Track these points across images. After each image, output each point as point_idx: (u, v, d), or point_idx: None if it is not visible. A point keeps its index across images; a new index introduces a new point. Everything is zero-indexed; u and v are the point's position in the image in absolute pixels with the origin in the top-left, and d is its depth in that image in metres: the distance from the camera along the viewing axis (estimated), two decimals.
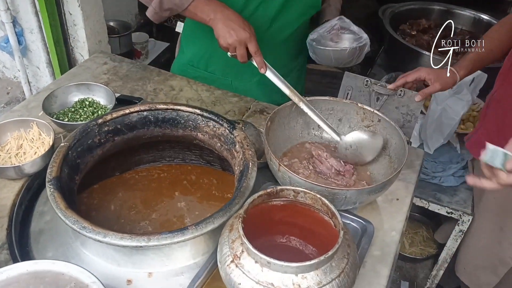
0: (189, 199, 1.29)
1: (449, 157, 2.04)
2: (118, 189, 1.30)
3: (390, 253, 1.15)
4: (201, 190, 1.32)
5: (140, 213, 1.24)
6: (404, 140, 1.19)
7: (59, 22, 1.87)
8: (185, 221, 1.23)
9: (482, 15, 2.68)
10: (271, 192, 0.98)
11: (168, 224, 1.22)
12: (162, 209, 1.26)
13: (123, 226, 1.20)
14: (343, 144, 1.28)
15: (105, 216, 1.22)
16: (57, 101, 1.45)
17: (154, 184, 1.34)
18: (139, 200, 1.28)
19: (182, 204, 1.27)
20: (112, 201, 1.27)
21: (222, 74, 1.71)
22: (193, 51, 1.72)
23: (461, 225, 1.92)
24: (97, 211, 1.23)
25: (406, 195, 1.30)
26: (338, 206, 1.10)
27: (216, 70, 1.71)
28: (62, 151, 1.11)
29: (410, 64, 2.41)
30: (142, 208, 1.26)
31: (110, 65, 1.77)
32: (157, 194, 1.30)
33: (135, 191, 1.31)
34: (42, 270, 0.91)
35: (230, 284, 0.88)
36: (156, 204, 1.27)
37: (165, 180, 1.35)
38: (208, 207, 1.27)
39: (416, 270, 2.50)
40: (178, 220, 1.23)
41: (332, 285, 0.86)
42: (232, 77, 1.71)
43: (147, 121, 1.28)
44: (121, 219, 1.22)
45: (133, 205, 1.26)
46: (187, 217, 1.24)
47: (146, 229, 1.20)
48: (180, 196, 1.30)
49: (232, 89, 1.70)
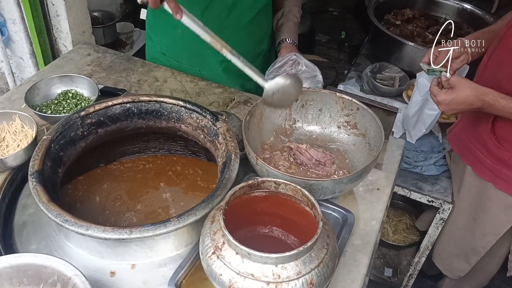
0: (174, 189, 1.30)
1: (431, 147, 2.06)
2: (103, 181, 1.31)
3: (370, 242, 1.17)
4: (186, 180, 1.33)
5: (125, 204, 1.25)
6: (381, 127, 1.21)
7: (42, 13, 1.85)
8: (170, 212, 1.24)
9: (466, 5, 2.70)
10: (252, 184, 1.00)
11: (153, 215, 1.23)
12: (147, 200, 1.27)
13: (108, 217, 1.21)
14: (269, 90, 1.19)
15: (90, 208, 1.23)
16: (39, 93, 1.45)
17: (139, 175, 1.34)
18: (124, 191, 1.28)
19: (167, 195, 1.28)
20: (97, 192, 1.27)
21: (190, 64, 1.72)
22: (159, 40, 1.74)
23: (441, 213, 1.96)
24: (81, 203, 1.24)
25: (387, 184, 1.33)
26: (317, 196, 1.12)
27: (183, 59, 1.72)
28: (44, 144, 1.11)
29: (394, 54, 2.43)
30: (127, 200, 1.26)
31: (93, 56, 1.76)
32: (142, 185, 1.31)
33: (120, 182, 1.31)
34: (24, 263, 0.92)
35: (211, 275, 0.90)
36: (141, 195, 1.28)
37: (150, 171, 1.36)
38: (193, 197, 1.28)
39: (399, 257, 2.55)
40: (163, 211, 1.24)
41: (311, 274, 0.88)
42: (199, 66, 1.73)
43: (130, 113, 1.28)
44: (106, 211, 1.23)
45: (118, 196, 1.27)
46: (172, 207, 1.25)
47: (131, 221, 1.21)
48: (165, 187, 1.31)
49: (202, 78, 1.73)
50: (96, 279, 0.99)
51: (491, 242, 1.81)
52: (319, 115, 1.37)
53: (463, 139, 1.77)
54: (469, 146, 1.73)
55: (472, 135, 1.71)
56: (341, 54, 4.22)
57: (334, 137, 1.36)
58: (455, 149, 1.86)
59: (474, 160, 1.72)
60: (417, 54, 2.34)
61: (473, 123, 1.70)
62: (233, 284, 0.87)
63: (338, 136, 1.36)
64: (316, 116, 1.37)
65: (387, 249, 2.55)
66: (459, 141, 1.82)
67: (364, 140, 1.31)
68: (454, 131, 1.87)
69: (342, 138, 1.36)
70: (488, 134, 1.61)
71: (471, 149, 1.72)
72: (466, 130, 1.75)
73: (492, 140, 1.60)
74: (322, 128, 1.37)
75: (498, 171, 1.63)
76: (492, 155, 1.63)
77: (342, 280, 1.07)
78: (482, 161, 1.68)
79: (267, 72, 1.60)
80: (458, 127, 1.84)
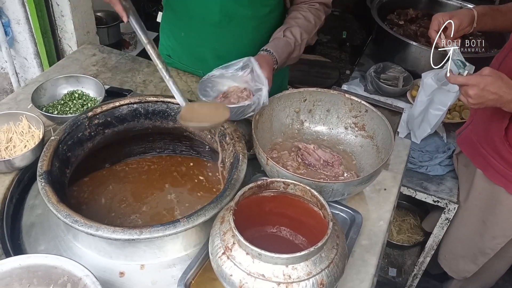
0: (179, 191, 1.30)
1: (436, 147, 2.06)
2: (108, 182, 1.30)
3: (378, 242, 1.17)
4: (191, 181, 1.33)
5: (131, 206, 1.25)
6: (391, 131, 1.21)
7: (47, 13, 1.85)
8: (175, 213, 1.24)
9: (468, 4, 2.70)
10: (261, 185, 1.00)
11: (158, 217, 1.22)
12: (152, 202, 1.26)
13: (113, 219, 1.21)
14: (185, 110, 1.15)
15: (95, 210, 1.22)
16: (46, 94, 1.45)
17: (144, 176, 1.34)
18: (129, 193, 1.28)
19: (172, 196, 1.28)
20: (103, 194, 1.27)
21: (193, 66, 1.72)
22: (167, 42, 1.74)
23: (447, 213, 1.96)
24: (87, 204, 1.24)
25: (393, 185, 1.33)
26: (327, 197, 1.12)
27: (187, 62, 1.72)
28: (52, 145, 1.11)
29: (398, 54, 2.43)
30: (132, 201, 1.26)
31: (98, 56, 1.76)
32: (147, 187, 1.30)
33: (125, 184, 1.31)
34: (34, 264, 0.92)
35: (221, 275, 0.90)
36: (146, 197, 1.27)
37: (155, 172, 1.35)
38: (198, 199, 1.28)
39: (403, 257, 2.55)
40: (168, 213, 1.24)
41: (321, 275, 0.88)
42: (202, 69, 1.72)
43: (137, 113, 1.28)
44: (111, 213, 1.23)
45: (123, 198, 1.27)
46: (177, 209, 1.25)
47: (136, 223, 1.21)
48: (170, 188, 1.30)
49: None
50: (105, 280, 0.99)
51: (501, 244, 1.81)
52: (327, 116, 1.37)
53: (474, 143, 1.76)
54: (481, 151, 1.72)
55: (484, 140, 1.70)
56: (343, 54, 4.22)
57: (341, 138, 1.36)
58: (466, 152, 1.84)
59: (486, 164, 1.71)
60: (421, 54, 2.34)
61: (484, 127, 1.69)
62: (243, 285, 0.87)
63: (345, 137, 1.36)
64: (323, 116, 1.37)
65: (392, 249, 2.55)
66: (469, 144, 1.80)
67: (372, 142, 1.31)
68: (464, 133, 1.86)
69: (349, 139, 1.36)
70: (500, 140, 1.60)
71: (483, 154, 1.71)
72: (477, 134, 1.74)
73: (505, 145, 1.59)
74: (329, 129, 1.38)
75: (510, 176, 1.63)
76: (504, 160, 1.62)
77: (350, 281, 1.07)
78: (494, 165, 1.67)
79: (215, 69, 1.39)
80: (469, 130, 1.82)
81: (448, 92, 1.95)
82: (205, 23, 1.55)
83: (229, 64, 1.35)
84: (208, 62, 1.65)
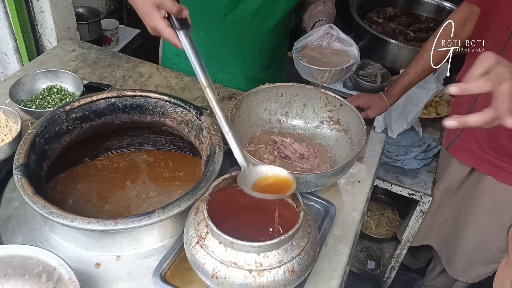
0: (158, 184, 1.31)
1: (411, 141, 2.11)
2: (80, 181, 1.30)
3: (351, 232, 1.20)
4: (172, 175, 1.34)
5: (95, 207, 1.24)
6: (364, 125, 1.24)
7: (26, 9, 1.84)
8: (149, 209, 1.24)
9: (445, 2, 2.76)
10: (236, 176, 1.02)
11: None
12: (117, 199, 1.26)
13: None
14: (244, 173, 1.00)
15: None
16: (24, 88, 1.45)
17: (122, 172, 1.34)
18: (95, 193, 1.28)
19: (152, 190, 1.29)
20: (71, 194, 1.26)
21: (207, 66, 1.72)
22: None
23: (421, 205, 2.00)
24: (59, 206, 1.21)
25: (368, 177, 1.36)
26: (301, 189, 1.15)
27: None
28: (29, 138, 1.12)
29: (377, 51, 2.47)
30: (119, 192, 1.28)
31: (78, 52, 1.77)
32: (123, 181, 1.31)
33: (95, 181, 1.31)
34: (9, 254, 0.93)
35: (195, 264, 0.92)
36: (120, 192, 1.28)
37: (133, 167, 1.36)
38: (176, 189, 1.29)
39: (382, 250, 2.59)
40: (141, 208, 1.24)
41: (293, 262, 0.90)
42: (216, 68, 1.73)
43: (115, 107, 1.29)
44: (87, 204, 1.23)
45: (89, 198, 1.26)
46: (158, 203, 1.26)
47: None
48: (151, 184, 1.31)
49: (216, 80, 1.72)
50: (81, 271, 1.00)
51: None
52: (303, 110, 1.39)
53: (475, 151, 1.72)
54: (486, 157, 1.69)
55: (488, 145, 1.67)
56: None
57: (317, 132, 1.39)
58: (467, 162, 1.80)
59: (495, 169, 1.70)
60: (399, 51, 2.38)
61: (486, 132, 1.64)
62: (216, 273, 0.89)
63: (321, 131, 1.39)
64: (300, 111, 1.39)
65: (370, 242, 2.59)
66: (470, 153, 1.76)
67: (346, 135, 1.34)
68: (457, 143, 1.81)
69: (325, 133, 1.39)
70: (510, 140, 1.58)
71: (489, 159, 1.69)
72: (477, 141, 1.71)
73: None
74: (305, 123, 1.40)
75: None
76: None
77: (323, 269, 1.10)
78: (504, 168, 1.66)
79: (296, 43, 1.46)
80: (462, 139, 1.78)
81: (424, 89, 1.99)
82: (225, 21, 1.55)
83: (308, 34, 1.46)
84: (225, 59, 1.65)
